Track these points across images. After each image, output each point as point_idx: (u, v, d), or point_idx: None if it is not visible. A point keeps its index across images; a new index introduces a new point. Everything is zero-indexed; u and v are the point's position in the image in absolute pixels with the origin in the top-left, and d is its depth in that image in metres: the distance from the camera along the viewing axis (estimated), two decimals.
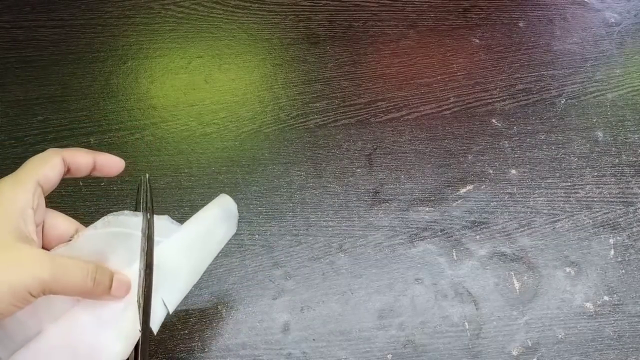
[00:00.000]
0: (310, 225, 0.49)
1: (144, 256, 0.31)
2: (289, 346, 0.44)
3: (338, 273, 0.47)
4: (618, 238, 0.50)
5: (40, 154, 0.31)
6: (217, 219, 0.37)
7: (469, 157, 0.53)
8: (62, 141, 0.52)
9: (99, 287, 0.29)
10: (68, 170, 0.32)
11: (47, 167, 0.30)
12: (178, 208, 0.49)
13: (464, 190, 0.52)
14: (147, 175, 0.33)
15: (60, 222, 0.32)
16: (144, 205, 0.32)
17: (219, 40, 0.58)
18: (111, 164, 0.34)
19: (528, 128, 0.55)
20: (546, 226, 0.50)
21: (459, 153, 0.53)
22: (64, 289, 0.28)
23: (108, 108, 0.54)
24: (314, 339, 0.44)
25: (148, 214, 0.32)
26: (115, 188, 0.50)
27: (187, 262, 0.34)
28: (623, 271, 0.48)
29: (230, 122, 0.54)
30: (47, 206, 0.31)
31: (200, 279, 0.36)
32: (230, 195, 0.50)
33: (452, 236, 0.49)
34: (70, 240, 0.31)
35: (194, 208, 0.49)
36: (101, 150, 0.52)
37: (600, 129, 0.56)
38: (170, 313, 0.33)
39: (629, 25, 0.63)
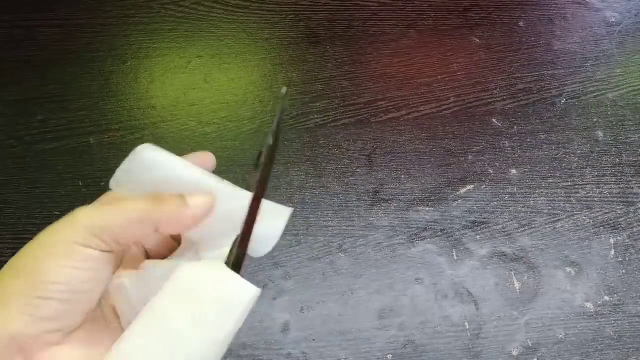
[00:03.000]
0: (310, 225, 0.49)
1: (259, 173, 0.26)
2: (289, 346, 0.44)
3: (338, 273, 0.47)
4: (619, 238, 0.50)
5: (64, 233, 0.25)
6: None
7: (469, 157, 0.53)
8: (62, 141, 0.52)
9: (166, 202, 0.24)
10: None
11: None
12: None
13: (464, 190, 0.52)
14: (285, 90, 0.30)
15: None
16: (276, 120, 0.27)
17: (218, 40, 0.58)
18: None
19: (528, 128, 0.55)
20: (547, 226, 0.50)
21: (459, 153, 0.53)
22: (121, 223, 0.23)
23: (108, 108, 0.54)
24: (314, 339, 0.44)
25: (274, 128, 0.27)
26: None
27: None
28: (624, 271, 0.48)
29: (230, 121, 0.54)
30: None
31: None
32: None
33: (452, 236, 0.49)
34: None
35: None
36: (101, 150, 0.52)
37: (601, 129, 0.56)
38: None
39: (629, 25, 0.63)
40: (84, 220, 0.22)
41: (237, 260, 0.25)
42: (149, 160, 0.27)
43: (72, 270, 0.22)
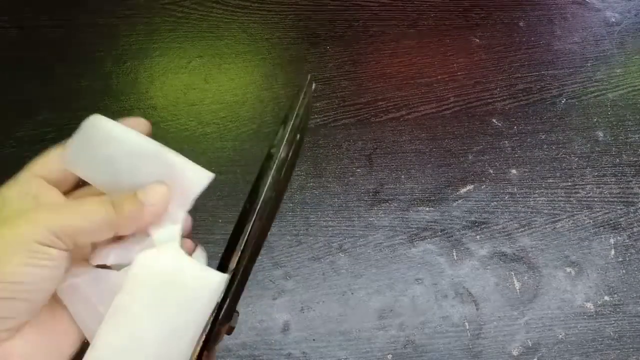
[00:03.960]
0: (310, 225, 0.49)
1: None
2: (289, 346, 0.43)
3: (338, 273, 0.47)
4: (618, 238, 0.50)
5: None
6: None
7: (469, 157, 0.53)
8: (62, 141, 0.52)
9: (124, 208, 0.24)
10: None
11: (41, 159, 0.27)
12: None
13: (464, 190, 0.52)
14: (310, 77, 0.28)
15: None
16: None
17: (219, 40, 0.58)
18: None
19: (528, 128, 0.55)
20: (546, 226, 0.50)
21: (459, 153, 0.53)
22: (82, 226, 0.23)
23: (108, 108, 0.54)
24: (314, 339, 0.44)
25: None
26: None
27: None
28: (623, 271, 0.48)
29: (230, 121, 0.54)
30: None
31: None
32: (231, 196, 0.50)
33: (452, 236, 0.49)
34: None
35: (194, 208, 0.49)
36: None
37: (601, 129, 0.56)
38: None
39: (629, 25, 0.63)
40: (44, 220, 0.22)
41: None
42: (102, 135, 0.26)
43: (30, 268, 0.22)
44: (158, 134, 0.52)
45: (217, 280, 0.25)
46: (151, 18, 0.59)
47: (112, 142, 0.26)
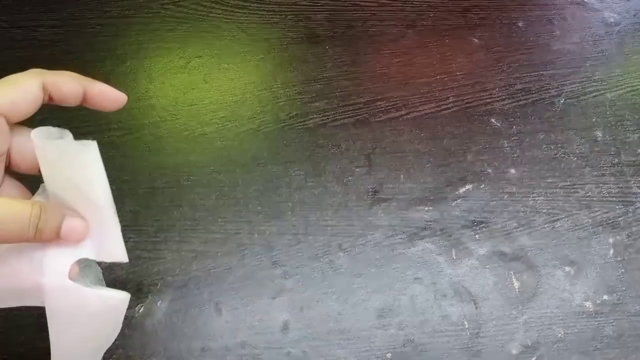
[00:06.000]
0: (309, 225, 0.49)
1: None
2: (289, 345, 0.44)
3: (337, 272, 0.47)
4: (617, 237, 0.50)
5: (19, 74, 0.26)
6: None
7: (469, 157, 0.53)
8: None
9: (43, 235, 0.24)
10: (50, 99, 0.28)
11: (18, 92, 0.26)
12: (177, 208, 0.49)
13: (464, 189, 0.52)
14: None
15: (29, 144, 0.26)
16: None
17: (218, 40, 0.58)
18: (108, 96, 0.29)
19: (527, 128, 0.55)
20: (546, 225, 0.50)
21: (459, 152, 0.53)
22: None
23: None
24: (313, 338, 0.44)
25: None
26: (115, 188, 0.50)
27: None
28: (622, 270, 0.48)
29: (229, 121, 0.54)
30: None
31: (198, 277, 0.35)
32: (230, 195, 0.50)
33: (451, 235, 0.49)
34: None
35: (194, 207, 0.49)
36: (101, 150, 0.52)
37: (600, 129, 0.56)
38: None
39: (628, 25, 0.63)
40: None
41: None
42: (82, 160, 0.27)
43: None
44: (157, 133, 0.53)
45: (123, 298, 0.28)
46: (151, 18, 0.59)
47: (81, 172, 0.28)
